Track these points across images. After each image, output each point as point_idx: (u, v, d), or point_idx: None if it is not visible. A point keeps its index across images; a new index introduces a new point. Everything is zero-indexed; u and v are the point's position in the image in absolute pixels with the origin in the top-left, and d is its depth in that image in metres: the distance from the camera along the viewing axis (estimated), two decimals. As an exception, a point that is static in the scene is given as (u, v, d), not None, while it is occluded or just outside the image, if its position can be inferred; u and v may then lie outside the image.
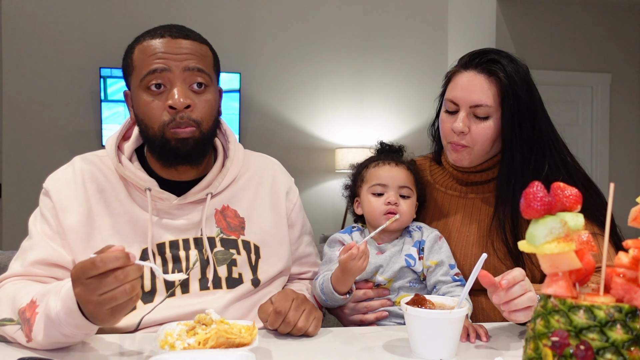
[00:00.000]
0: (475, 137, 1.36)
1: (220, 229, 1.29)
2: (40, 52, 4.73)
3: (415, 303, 1.06)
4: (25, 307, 1.05)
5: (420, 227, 1.40)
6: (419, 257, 1.33)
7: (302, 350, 1.09)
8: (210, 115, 1.23)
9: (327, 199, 5.27)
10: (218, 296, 1.23)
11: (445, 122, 1.41)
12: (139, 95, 1.21)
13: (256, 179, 1.38)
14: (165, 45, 1.19)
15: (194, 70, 1.19)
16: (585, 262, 0.78)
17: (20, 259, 1.22)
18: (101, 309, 0.93)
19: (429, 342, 1.03)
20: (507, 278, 1.06)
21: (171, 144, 1.20)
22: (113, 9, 4.83)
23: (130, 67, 1.23)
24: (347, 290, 1.27)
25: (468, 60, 1.38)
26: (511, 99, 1.33)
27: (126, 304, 0.93)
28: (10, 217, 4.72)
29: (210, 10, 4.95)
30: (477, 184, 1.48)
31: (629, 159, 5.09)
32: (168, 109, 1.18)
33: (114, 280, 0.91)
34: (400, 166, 1.40)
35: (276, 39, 5.11)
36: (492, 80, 1.34)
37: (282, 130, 5.15)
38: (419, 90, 5.39)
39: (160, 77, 1.18)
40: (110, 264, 0.90)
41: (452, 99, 1.38)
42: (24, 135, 4.73)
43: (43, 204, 1.27)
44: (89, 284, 0.92)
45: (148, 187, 1.24)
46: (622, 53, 5.01)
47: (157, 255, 1.23)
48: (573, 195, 0.79)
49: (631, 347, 0.71)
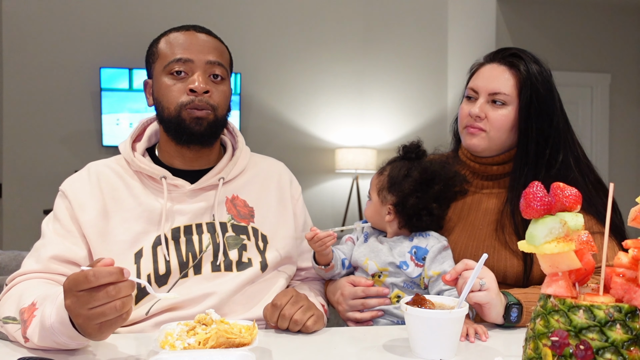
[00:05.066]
0: (492, 122, 1.42)
1: (231, 215, 1.35)
2: (40, 52, 4.73)
3: (415, 303, 1.06)
4: (25, 308, 1.07)
5: (429, 234, 1.38)
6: (416, 264, 1.33)
7: (302, 350, 1.09)
8: (225, 104, 1.34)
9: (327, 199, 5.27)
10: (228, 279, 1.28)
11: (463, 109, 1.48)
12: (161, 79, 1.31)
13: (263, 174, 1.45)
14: (189, 38, 1.31)
15: (214, 64, 1.30)
16: (585, 262, 0.78)
17: (34, 257, 1.25)
18: (90, 323, 0.93)
19: (429, 342, 1.03)
20: (450, 273, 1.19)
21: (186, 122, 1.28)
22: (113, 9, 4.83)
23: (154, 55, 1.33)
24: (324, 263, 1.38)
25: (493, 55, 1.48)
26: (529, 90, 1.40)
27: (115, 321, 0.93)
28: (10, 217, 4.72)
29: (210, 10, 4.95)
30: (492, 179, 1.50)
31: (629, 159, 5.09)
32: (188, 92, 1.28)
33: (105, 296, 0.90)
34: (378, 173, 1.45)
35: (276, 39, 5.11)
36: (513, 72, 1.42)
37: (282, 130, 5.15)
38: (419, 90, 5.39)
39: (183, 65, 1.29)
40: (102, 279, 0.90)
41: (473, 87, 1.46)
42: (24, 135, 4.73)
43: (58, 206, 1.31)
44: (80, 297, 0.91)
45: (163, 175, 1.31)
46: (622, 53, 5.01)
47: (170, 240, 1.28)
48: (573, 195, 0.79)
49: (631, 347, 0.72)
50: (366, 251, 1.39)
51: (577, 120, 5.00)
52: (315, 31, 5.21)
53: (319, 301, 1.37)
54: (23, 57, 4.71)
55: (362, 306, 1.34)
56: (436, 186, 1.36)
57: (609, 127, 5.02)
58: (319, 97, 5.24)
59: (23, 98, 4.72)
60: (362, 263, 1.38)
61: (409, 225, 1.37)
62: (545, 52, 1.49)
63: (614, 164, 5.02)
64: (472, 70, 1.51)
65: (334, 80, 5.25)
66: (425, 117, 5.37)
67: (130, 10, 4.85)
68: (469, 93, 1.47)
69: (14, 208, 4.72)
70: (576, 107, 4.99)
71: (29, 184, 4.73)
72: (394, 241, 1.38)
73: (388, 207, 1.38)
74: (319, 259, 1.38)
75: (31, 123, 4.74)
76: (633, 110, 5.09)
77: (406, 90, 5.38)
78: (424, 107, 5.39)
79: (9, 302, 1.14)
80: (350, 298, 1.35)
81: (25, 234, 4.61)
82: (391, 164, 1.43)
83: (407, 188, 1.35)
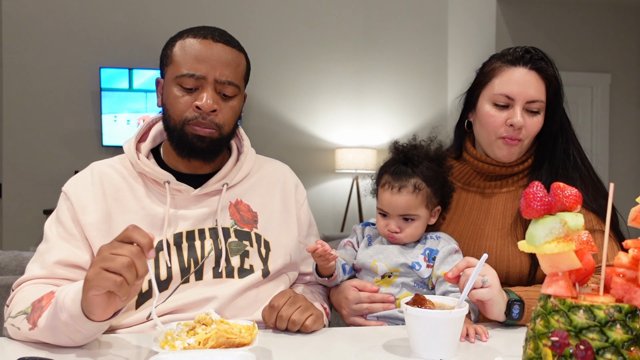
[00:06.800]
0: (530, 131, 1.41)
1: (235, 220, 1.34)
2: (40, 52, 4.73)
3: (415, 303, 1.06)
4: (43, 296, 1.10)
5: (440, 237, 1.38)
6: (427, 264, 1.33)
7: (302, 350, 1.09)
8: (232, 121, 1.32)
9: (327, 199, 5.27)
10: (230, 284, 1.27)
11: (495, 117, 1.42)
12: (171, 87, 1.28)
13: (267, 178, 1.44)
14: (205, 48, 1.26)
15: (224, 84, 1.26)
16: (585, 262, 0.78)
17: (38, 262, 1.24)
18: (96, 271, 0.94)
19: (429, 342, 1.03)
20: (452, 270, 1.19)
21: (188, 137, 1.27)
22: (113, 9, 4.83)
23: (168, 58, 1.30)
24: (327, 275, 1.36)
25: (514, 57, 1.43)
26: (557, 96, 1.43)
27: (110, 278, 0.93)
28: (10, 217, 4.72)
29: (210, 10, 4.95)
30: (497, 179, 1.49)
31: (629, 159, 5.09)
32: (194, 108, 1.25)
33: (125, 249, 0.95)
34: (403, 192, 1.34)
35: (276, 39, 5.11)
36: (542, 78, 1.41)
37: (282, 130, 5.15)
38: (419, 90, 5.39)
39: (195, 82, 1.25)
40: (137, 235, 0.96)
41: (507, 93, 1.40)
42: (24, 135, 4.73)
43: (60, 207, 1.30)
44: (111, 243, 0.98)
45: (167, 180, 1.30)
46: (622, 53, 5.01)
47: (172, 245, 1.27)
48: (573, 195, 0.79)
49: (631, 347, 0.72)
50: (373, 253, 1.37)
51: (577, 120, 5.00)
52: (316, 31, 5.21)
53: (320, 303, 1.37)
54: (23, 57, 4.71)
55: (367, 311, 1.33)
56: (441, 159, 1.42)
57: (609, 127, 5.03)
58: (319, 97, 5.24)
59: (23, 98, 4.73)
60: (370, 265, 1.36)
61: (445, 208, 1.43)
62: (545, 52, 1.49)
63: (614, 164, 5.01)
64: (490, 71, 1.44)
65: (334, 81, 5.25)
66: (425, 117, 5.37)
67: (130, 10, 4.85)
68: (500, 100, 1.40)
69: (14, 208, 4.72)
70: (576, 107, 4.99)
71: (29, 184, 4.73)
72: (407, 244, 1.38)
73: (437, 209, 1.40)
74: (322, 271, 1.36)
75: (31, 123, 4.74)
76: (633, 110, 5.09)
77: (406, 90, 5.38)
78: (424, 107, 5.39)
79: (20, 304, 1.14)
80: (354, 303, 1.33)
81: (25, 234, 4.62)
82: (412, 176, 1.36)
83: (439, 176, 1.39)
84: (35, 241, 1.29)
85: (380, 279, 1.35)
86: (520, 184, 1.48)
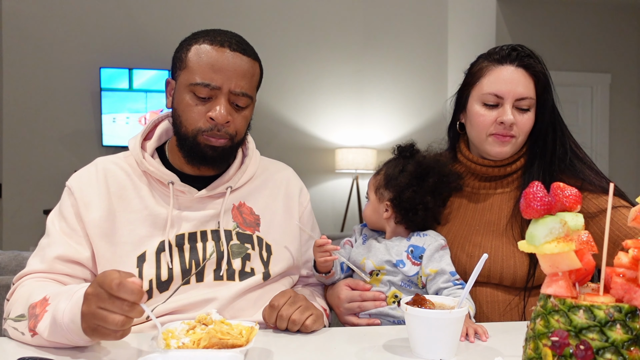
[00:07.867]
0: (522, 128, 1.42)
1: (237, 223, 1.34)
2: (40, 52, 4.73)
3: (415, 303, 1.07)
4: (36, 303, 1.08)
5: (426, 234, 1.39)
6: (412, 262, 1.34)
7: (302, 350, 1.09)
8: (244, 129, 1.33)
9: (327, 199, 5.27)
10: (230, 287, 1.28)
11: (485, 116, 1.43)
12: (183, 94, 1.27)
13: (271, 181, 1.44)
14: (221, 58, 1.24)
15: (238, 95, 1.26)
16: (585, 262, 0.78)
17: (39, 256, 1.24)
18: (90, 319, 0.95)
19: (429, 342, 1.03)
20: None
21: (200, 146, 1.27)
22: (113, 9, 4.83)
23: (182, 62, 1.28)
24: (324, 271, 1.39)
25: (501, 56, 1.43)
26: (546, 91, 1.43)
27: (109, 333, 0.95)
28: (10, 217, 4.72)
29: (210, 10, 4.95)
30: (491, 180, 1.50)
31: (629, 159, 5.09)
32: (208, 119, 1.25)
33: (117, 306, 0.93)
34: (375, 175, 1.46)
35: (276, 39, 5.11)
36: (530, 74, 1.41)
37: (282, 130, 5.15)
38: (419, 90, 5.39)
39: (209, 92, 1.24)
40: (123, 294, 0.92)
41: (495, 92, 1.40)
42: (24, 135, 4.73)
43: (64, 202, 1.30)
44: (99, 293, 0.94)
45: (171, 181, 1.29)
46: (622, 53, 5.01)
47: (174, 246, 1.27)
48: (573, 195, 0.79)
49: (631, 347, 0.71)
50: (364, 251, 1.41)
51: (577, 120, 5.00)
52: (316, 31, 5.21)
53: (320, 304, 1.37)
54: (23, 57, 4.70)
55: (358, 309, 1.34)
56: (430, 179, 1.37)
57: (609, 127, 5.03)
58: (319, 97, 5.24)
59: (23, 98, 4.72)
60: (360, 262, 1.39)
61: (406, 220, 1.38)
62: (545, 52, 1.49)
63: (613, 164, 5.02)
64: (478, 71, 1.45)
65: (334, 81, 5.25)
66: (425, 118, 5.37)
67: (130, 10, 4.84)
68: (489, 99, 1.41)
69: (14, 208, 4.72)
70: (576, 107, 4.99)
71: (29, 184, 4.73)
72: (392, 241, 1.39)
73: (385, 203, 1.40)
74: (320, 267, 1.39)
75: (31, 123, 4.74)
76: (633, 110, 5.09)
77: (406, 90, 5.38)
78: (424, 107, 5.39)
79: (19, 302, 1.14)
80: (347, 301, 1.35)
81: (25, 234, 4.62)
82: (387, 164, 1.45)
83: (402, 182, 1.37)
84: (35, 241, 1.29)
85: (369, 276, 1.37)
86: (514, 185, 1.48)
